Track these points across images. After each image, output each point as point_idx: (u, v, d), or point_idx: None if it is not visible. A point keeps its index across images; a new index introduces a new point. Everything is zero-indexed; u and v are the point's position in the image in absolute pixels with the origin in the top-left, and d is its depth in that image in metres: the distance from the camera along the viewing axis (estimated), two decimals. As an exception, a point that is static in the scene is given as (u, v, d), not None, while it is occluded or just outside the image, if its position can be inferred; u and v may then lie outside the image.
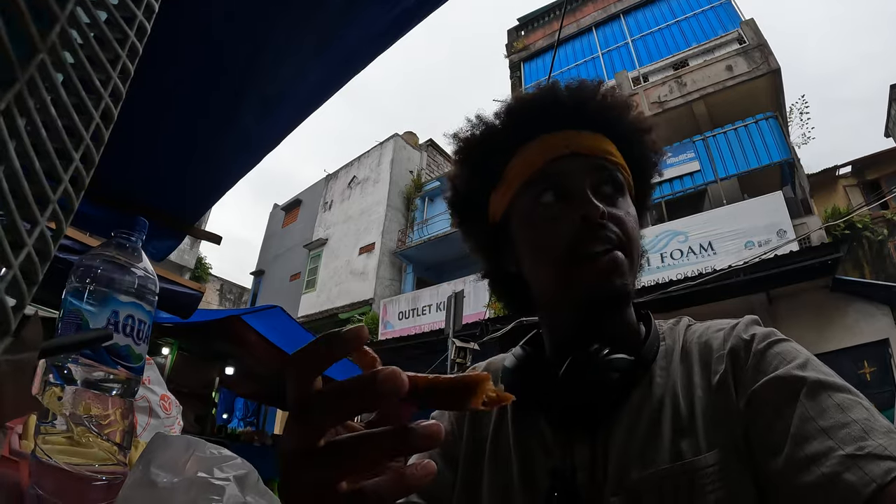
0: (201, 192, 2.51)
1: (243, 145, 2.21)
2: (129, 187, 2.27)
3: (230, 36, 1.66)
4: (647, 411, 0.87)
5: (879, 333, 10.26)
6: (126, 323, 0.93)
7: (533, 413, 0.97)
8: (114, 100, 0.45)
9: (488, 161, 1.07)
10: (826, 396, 0.72)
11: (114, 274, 0.94)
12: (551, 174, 0.98)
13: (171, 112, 1.93)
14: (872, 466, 0.62)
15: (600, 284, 0.90)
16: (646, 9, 17.78)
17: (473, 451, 1.04)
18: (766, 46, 14.41)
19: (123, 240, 1.00)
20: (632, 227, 0.95)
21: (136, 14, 0.48)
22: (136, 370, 0.96)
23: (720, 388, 0.84)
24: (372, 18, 1.73)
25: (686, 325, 1.03)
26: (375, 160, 25.47)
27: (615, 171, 0.99)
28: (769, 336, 0.87)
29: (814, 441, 0.68)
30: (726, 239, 12.02)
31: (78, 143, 0.41)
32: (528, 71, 19.61)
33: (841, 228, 13.69)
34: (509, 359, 1.04)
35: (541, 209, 0.98)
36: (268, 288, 27.44)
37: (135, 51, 0.48)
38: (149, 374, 2.35)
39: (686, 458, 0.80)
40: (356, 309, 21.01)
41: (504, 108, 1.08)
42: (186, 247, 21.38)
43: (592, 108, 1.02)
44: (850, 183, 20.18)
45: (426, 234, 22.10)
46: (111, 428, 0.89)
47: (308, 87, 1.99)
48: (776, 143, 13.31)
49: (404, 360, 15.59)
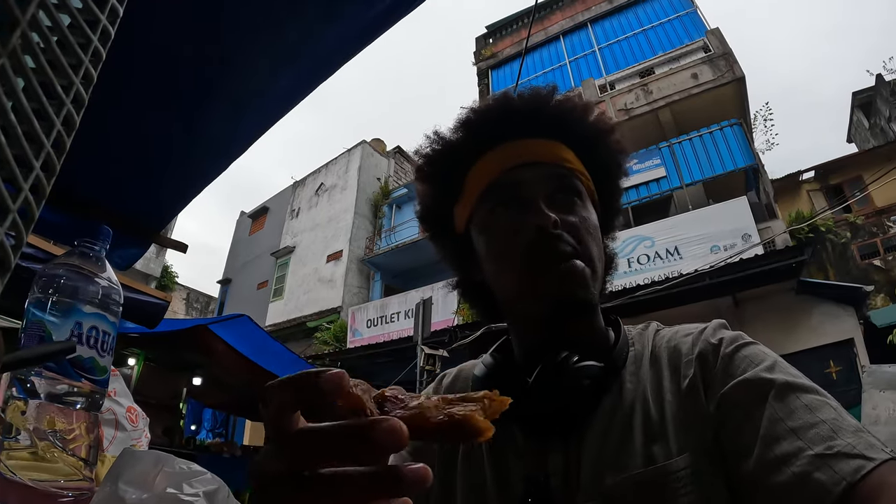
0: (167, 199, 2.46)
1: (210, 150, 2.18)
2: (92, 194, 2.22)
3: (198, 38, 1.63)
4: (618, 417, 0.88)
5: (844, 334, 10.52)
6: (90, 334, 0.91)
7: (505, 420, 0.96)
8: (76, 106, 0.44)
9: (448, 175, 1.07)
10: (794, 398, 0.73)
11: (77, 284, 0.91)
12: (506, 184, 0.98)
13: (137, 116, 1.89)
14: (842, 465, 0.63)
15: (562, 294, 0.90)
16: (613, 18, 18.00)
17: (447, 460, 1.03)
18: (731, 55, 14.66)
19: (87, 249, 0.97)
20: (589, 234, 0.95)
21: (100, 18, 0.47)
22: (101, 383, 0.93)
23: (690, 392, 0.85)
24: (344, 22, 1.72)
25: (655, 329, 1.03)
26: (343, 167, 25.37)
27: (572, 178, 1.00)
28: (737, 340, 0.88)
29: (783, 442, 0.69)
30: (692, 243, 12.19)
31: (39, 150, 0.39)
32: (496, 78, 19.70)
33: (805, 232, 13.94)
34: (479, 367, 1.03)
35: (497, 219, 0.98)
36: (235, 296, 27.14)
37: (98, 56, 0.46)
38: (115, 386, 2.31)
39: (658, 462, 0.80)
40: (324, 317, 20.89)
41: (459, 121, 1.08)
42: (152, 255, 21.17)
43: (547, 116, 1.02)
44: (814, 187, 20.64)
45: (394, 241, 22.05)
46: (76, 443, 0.87)
47: (277, 90, 1.97)
48: (741, 149, 13.54)
49: (374, 367, 15.54)
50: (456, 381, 1.16)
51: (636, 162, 13.98)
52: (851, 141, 27.34)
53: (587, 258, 0.92)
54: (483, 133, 1.04)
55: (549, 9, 19.37)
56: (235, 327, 8.39)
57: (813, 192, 20.50)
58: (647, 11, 17.28)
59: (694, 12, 16.39)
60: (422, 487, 0.38)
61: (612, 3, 18.03)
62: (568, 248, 0.91)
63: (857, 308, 10.86)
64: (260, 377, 8.41)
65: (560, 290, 0.90)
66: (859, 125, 25.77)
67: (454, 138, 1.08)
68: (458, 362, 1.28)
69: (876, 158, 18.33)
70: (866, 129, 24.88)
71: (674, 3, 16.90)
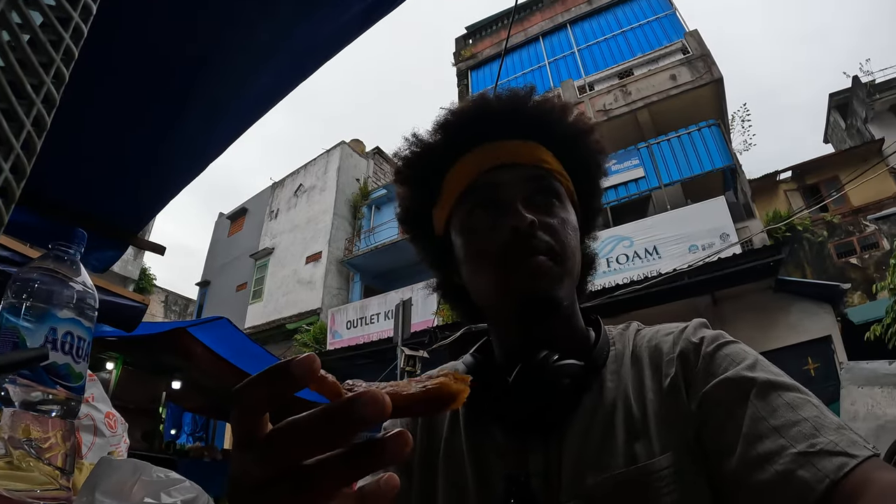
0: (144, 200, 2.44)
1: (188, 151, 2.17)
2: (67, 195, 2.20)
3: (175, 40, 1.62)
4: (599, 416, 0.88)
5: (822, 331, 10.74)
6: (65, 340, 0.89)
7: (486, 419, 0.97)
8: (47, 106, 0.42)
9: (426, 177, 1.07)
10: (776, 396, 0.74)
11: (51, 289, 0.89)
12: (483, 186, 0.98)
13: (113, 118, 1.87)
14: (825, 462, 0.64)
15: (529, 290, 0.90)
16: (592, 19, 18.11)
17: (427, 460, 1.03)
18: (710, 56, 14.79)
19: (61, 253, 0.95)
20: (566, 235, 0.95)
21: (73, 15, 0.45)
22: (77, 389, 0.92)
23: (671, 391, 0.85)
24: (321, 23, 1.71)
25: (635, 329, 1.03)
26: (322, 168, 25.30)
27: (549, 179, 1.00)
28: (718, 338, 0.88)
29: (766, 440, 0.69)
30: (671, 243, 12.28)
31: (8, 153, 0.38)
32: (475, 79, 19.74)
33: (782, 231, 14.10)
34: (460, 367, 1.04)
35: (474, 221, 0.98)
36: (214, 299, 26.94)
37: (70, 54, 0.45)
38: (92, 391, 2.28)
39: (640, 461, 0.80)
40: (304, 319, 20.81)
41: (437, 123, 1.08)
42: (130, 257, 20.96)
43: (524, 117, 1.02)
44: (791, 187, 20.88)
45: (373, 242, 22.03)
46: (52, 451, 0.85)
47: (255, 91, 1.96)
48: (718, 149, 13.67)
49: (354, 369, 15.50)
50: None
51: (615, 162, 14.05)
52: (828, 142, 27.67)
53: (561, 258, 0.92)
54: (461, 135, 1.04)
55: (529, 10, 19.44)
56: (214, 330, 8.32)
57: (790, 192, 20.73)
58: (626, 13, 17.40)
59: (673, 14, 16.52)
60: (404, 453, 0.38)
61: (591, 5, 18.13)
62: (540, 246, 0.91)
63: (834, 305, 11.08)
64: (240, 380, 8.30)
65: (527, 287, 0.90)
66: (836, 126, 26.07)
67: (432, 140, 1.08)
68: (439, 363, 1.27)
69: (852, 158, 18.61)
70: (843, 130, 25.19)
71: (653, 5, 17.02)
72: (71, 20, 0.45)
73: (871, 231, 17.53)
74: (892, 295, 10.61)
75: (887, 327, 10.27)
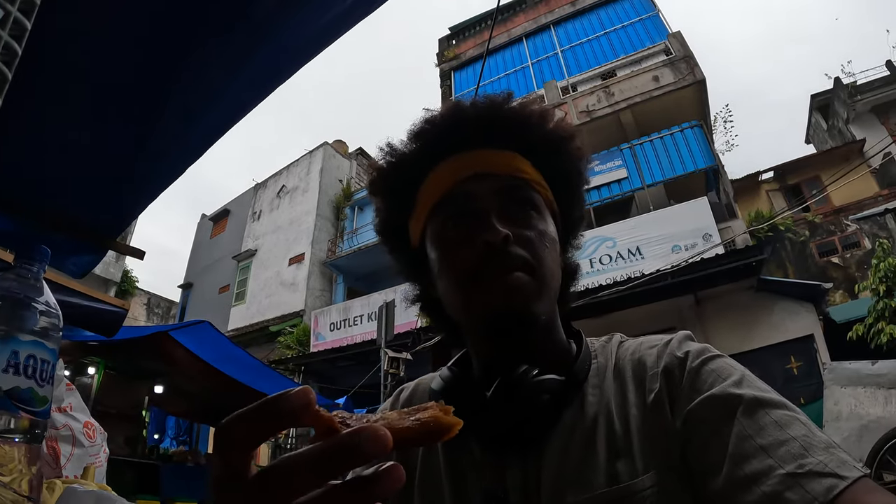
0: (123, 204, 2.41)
1: (168, 153, 2.14)
2: (45, 200, 2.17)
3: (153, 39, 1.60)
4: (580, 432, 0.86)
5: (804, 330, 10.90)
6: (27, 364, 0.85)
7: (463, 434, 0.92)
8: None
9: (401, 188, 1.04)
10: (763, 413, 0.71)
11: (13, 310, 0.85)
12: (457, 196, 0.95)
13: (91, 119, 1.84)
14: (814, 484, 0.62)
15: (504, 308, 0.88)
16: (575, 20, 18.27)
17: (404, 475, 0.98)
18: (692, 58, 14.94)
19: (24, 271, 0.90)
20: (544, 248, 0.92)
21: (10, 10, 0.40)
22: (41, 414, 0.87)
23: (655, 407, 0.83)
24: (302, 24, 1.69)
25: (618, 341, 1.01)
26: (304, 169, 25.33)
27: (526, 190, 0.96)
28: (703, 353, 0.85)
29: (753, 460, 0.67)
30: (653, 243, 12.42)
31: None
32: (458, 80, 19.82)
33: (764, 231, 14.26)
34: (436, 381, 1.00)
35: (448, 234, 0.95)
36: (197, 301, 26.88)
37: (11, 51, 0.40)
38: (70, 401, 2.23)
39: (623, 480, 0.78)
40: (287, 321, 20.81)
41: (411, 132, 1.05)
42: (112, 260, 20.79)
43: (500, 125, 0.99)
44: (773, 187, 21.11)
45: (356, 243, 22.08)
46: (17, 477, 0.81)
47: (233, 94, 1.94)
48: (701, 150, 13.82)
49: (337, 371, 15.48)
50: (414, 395, 1.13)
51: (598, 163, 14.16)
52: (810, 142, 27.98)
53: (538, 272, 0.90)
54: (434, 145, 1.00)
55: (513, 11, 19.57)
56: (196, 333, 8.31)
57: (772, 192, 20.95)
58: (609, 14, 17.56)
59: (656, 15, 16.69)
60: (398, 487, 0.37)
61: (574, 6, 18.26)
62: (515, 261, 0.88)
63: (816, 305, 11.28)
64: (222, 384, 8.42)
65: (502, 304, 0.87)
66: (818, 127, 26.35)
67: (406, 150, 1.04)
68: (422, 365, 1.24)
69: (833, 159, 18.87)
70: (824, 131, 25.45)
71: (636, 7, 17.17)
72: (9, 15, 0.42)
73: (852, 231, 17.73)
74: (873, 295, 10.76)
75: (869, 327, 10.41)
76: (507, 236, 0.87)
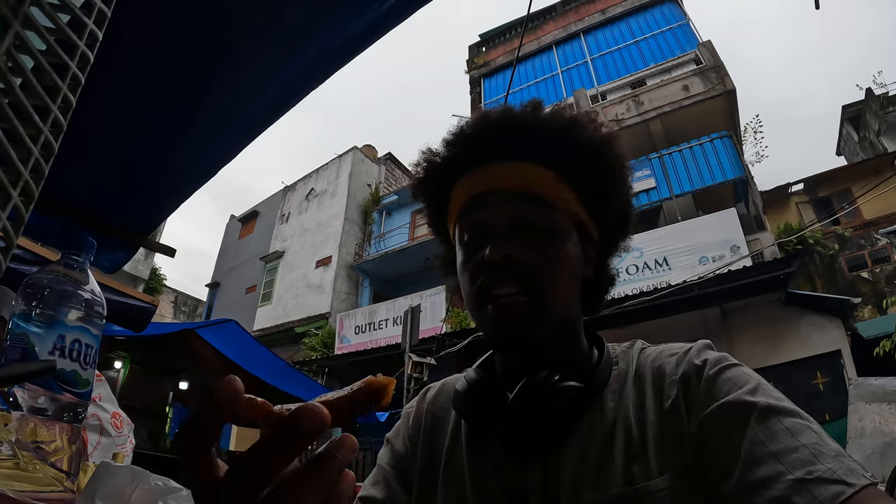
0: (156, 203, 2.46)
1: (200, 155, 2.17)
2: (80, 197, 2.21)
3: (187, 43, 1.63)
4: (598, 435, 0.87)
5: (831, 345, 10.64)
6: (72, 348, 0.90)
7: (486, 435, 0.97)
8: (63, 108, 0.43)
9: (437, 193, 1.08)
10: (776, 421, 0.73)
11: (61, 297, 0.90)
12: (469, 212, 0.98)
13: (126, 121, 1.88)
14: (822, 490, 0.63)
15: (495, 329, 0.91)
16: (605, 28, 18.15)
17: (428, 473, 1.03)
18: (723, 67, 14.77)
19: (71, 261, 0.96)
20: (546, 266, 0.92)
21: (87, 23, 0.46)
22: (83, 395, 0.92)
23: (672, 413, 0.84)
24: (335, 30, 1.72)
25: (640, 348, 1.02)
26: (334, 173, 25.36)
27: (537, 206, 0.95)
28: (721, 361, 0.87)
29: (764, 465, 0.69)
30: (681, 254, 12.27)
31: (27, 156, 0.39)
32: (487, 87, 19.77)
33: (793, 244, 14.03)
34: (461, 381, 1.02)
35: (464, 245, 0.99)
36: (223, 300, 27.02)
37: (86, 59, 0.46)
38: (99, 391, 2.28)
39: (638, 482, 0.80)
40: (312, 323, 20.83)
41: (444, 140, 1.06)
42: (141, 257, 21.01)
43: (516, 137, 0.98)
44: (803, 200, 20.74)
45: (383, 248, 22.03)
46: (58, 455, 0.85)
47: (267, 98, 1.97)
48: (730, 161, 13.64)
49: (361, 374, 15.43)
50: (439, 395, 1.16)
51: (628, 171, 14.01)
52: (840, 154, 27.52)
53: (538, 292, 0.90)
54: (459, 158, 1.02)
55: (542, 19, 19.48)
56: (222, 332, 8.38)
57: (802, 205, 20.61)
58: (639, 23, 17.43)
59: (686, 25, 16.53)
60: (352, 455, 0.41)
61: (604, 15, 18.17)
62: (505, 284, 0.90)
63: (844, 319, 10.98)
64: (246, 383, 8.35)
65: (497, 329, 0.91)
66: (849, 138, 25.91)
67: (438, 158, 1.07)
68: (446, 370, 1.28)
69: (864, 171, 18.50)
70: (855, 143, 25.02)
71: (666, 16, 17.04)
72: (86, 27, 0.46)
73: (882, 245, 17.40)
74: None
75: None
76: (506, 256, 0.89)
